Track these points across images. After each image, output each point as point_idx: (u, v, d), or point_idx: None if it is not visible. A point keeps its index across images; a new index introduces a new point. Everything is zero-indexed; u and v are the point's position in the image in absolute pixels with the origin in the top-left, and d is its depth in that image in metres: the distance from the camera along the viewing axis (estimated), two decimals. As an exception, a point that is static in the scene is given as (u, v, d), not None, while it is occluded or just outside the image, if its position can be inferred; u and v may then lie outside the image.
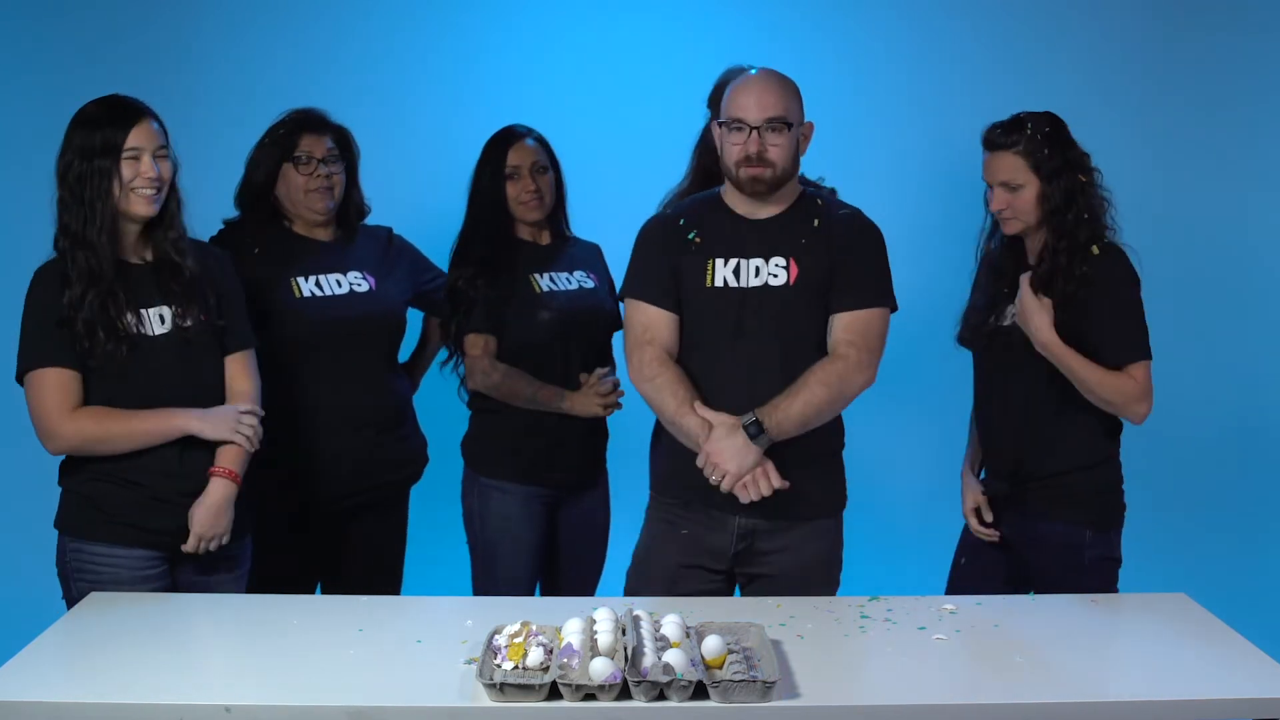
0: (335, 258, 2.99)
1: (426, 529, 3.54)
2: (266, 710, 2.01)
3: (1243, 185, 4.05)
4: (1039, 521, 2.79)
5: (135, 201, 2.52)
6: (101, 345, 2.48)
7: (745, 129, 2.56)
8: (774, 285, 2.61)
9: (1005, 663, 2.24)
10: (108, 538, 2.53)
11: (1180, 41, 3.99)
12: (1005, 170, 2.72)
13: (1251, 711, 2.10)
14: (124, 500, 2.54)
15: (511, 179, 3.09)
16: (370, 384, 3.00)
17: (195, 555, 2.58)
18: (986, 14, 4.02)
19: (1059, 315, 2.68)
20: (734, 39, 3.90)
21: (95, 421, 2.51)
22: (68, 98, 2.60)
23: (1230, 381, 4.11)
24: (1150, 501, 4.10)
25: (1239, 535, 4.08)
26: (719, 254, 2.63)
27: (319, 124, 2.97)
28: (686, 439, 2.59)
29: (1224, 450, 4.11)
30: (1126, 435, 2.84)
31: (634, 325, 2.67)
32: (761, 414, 2.54)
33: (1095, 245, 2.71)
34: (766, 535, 2.65)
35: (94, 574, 2.53)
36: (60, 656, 2.20)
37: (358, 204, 3.07)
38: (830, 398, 2.58)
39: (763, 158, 2.57)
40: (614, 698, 2.01)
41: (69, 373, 2.50)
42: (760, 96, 2.57)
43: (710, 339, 2.63)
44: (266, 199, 2.96)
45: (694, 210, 2.71)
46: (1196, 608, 2.50)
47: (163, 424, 2.53)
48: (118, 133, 2.50)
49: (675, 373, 2.61)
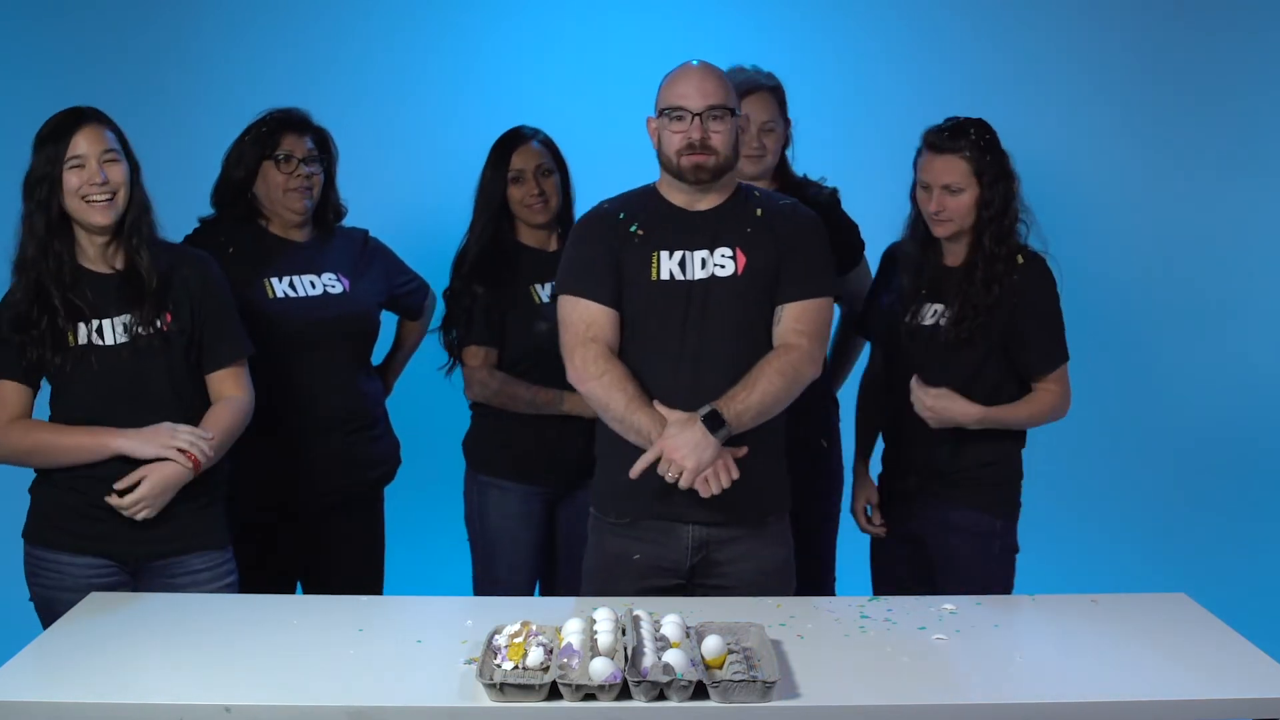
0: (310, 259, 2.98)
1: (424, 529, 3.55)
2: (266, 710, 2.01)
3: (1243, 184, 4.05)
4: (951, 511, 2.83)
5: (89, 210, 2.50)
6: (48, 359, 2.49)
7: (687, 116, 2.54)
8: (721, 276, 2.58)
9: (1005, 663, 2.24)
10: (54, 544, 2.54)
11: (1181, 40, 3.99)
12: (949, 173, 2.75)
13: (1251, 711, 2.10)
14: (68, 507, 2.54)
15: (516, 182, 3.09)
16: (342, 385, 2.99)
17: (153, 567, 2.57)
18: (987, 14, 4.02)
19: (991, 319, 2.74)
20: (734, 39, 3.90)
21: (24, 433, 2.52)
22: (64, 100, 2.59)
23: (1230, 381, 4.11)
24: (1150, 501, 4.13)
25: (1239, 535, 4.08)
26: (663, 246, 2.59)
27: (300, 124, 2.96)
28: (637, 437, 2.53)
29: (1224, 451, 4.12)
30: (1127, 435, 2.85)
31: (574, 323, 2.60)
32: (720, 406, 2.50)
33: (1020, 254, 2.79)
34: (720, 545, 2.61)
35: (45, 579, 2.54)
36: (60, 656, 2.20)
37: (334, 205, 3.06)
38: (786, 388, 2.56)
39: (706, 144, 2.55)
40: (614, 698, 2.01)
41: (10, 384, 2.51)
42: (701, 84, 2.56)
43: (656, 333, 2.59)
44: (244, 197, 2.95)
45: (633, 203, 2.65)
46: (1196, 608, 2.49)
47: (93, 442, 2.51)
48: (60, 142, 2.49)
49: (621, 369, 2.56)
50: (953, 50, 3.99)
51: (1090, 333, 4.09)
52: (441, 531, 3.53)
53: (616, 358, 2.59)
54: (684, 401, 2.54)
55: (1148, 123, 4.02)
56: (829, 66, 3.76)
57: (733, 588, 2.61)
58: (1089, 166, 4.05)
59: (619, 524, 2.64)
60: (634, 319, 2.60)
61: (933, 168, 2.77)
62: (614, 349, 2.60)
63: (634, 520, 2.62)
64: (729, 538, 2.61)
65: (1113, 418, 4.12)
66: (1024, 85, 4.02)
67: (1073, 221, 4.08)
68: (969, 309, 2.75)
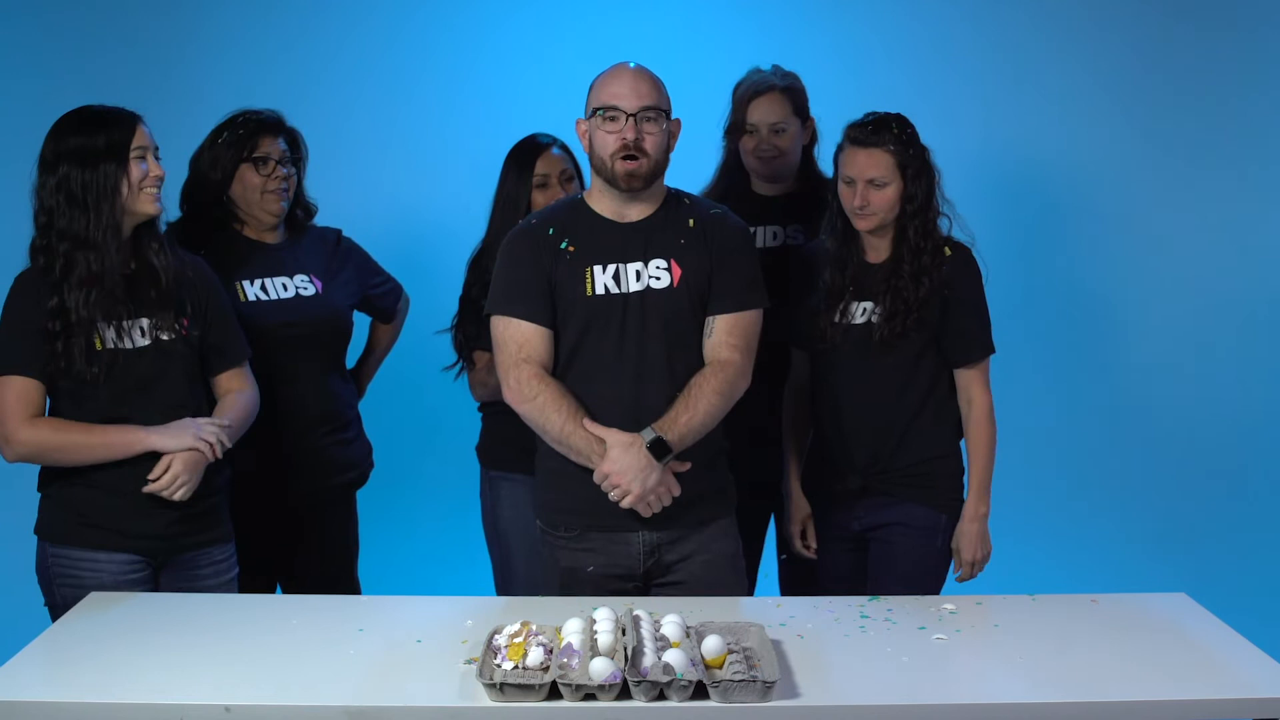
0: (282, 260, 2.98)
1: (434, 531, 3.56)
2: (266, 710, 2.01)
3: (1246, 183, 4.05)
4: (896, 507, 2.85)
5: (144, 201, 2.53)
6: (76, 363, 2.48)
7: (621, 116, 2.53)
8: (657, 288, 2.57)
9: (1005, 663, 2.24)
10: (89, 543, 2.54)
11: (1182, 38, 3.99)
12: (874, 167, 2.75)
13: (1251, 711, 2.10)
14: (106, 506, 2.54)
15: (540, 187, 3.09)
16: (316, 387, 2.98)
17: (179, 562, 2.60)
18: (988, 13, 4.02)
19: (925, 314, 2.76)
20: (733, 39, 3.90)
21: (53, 431, 2.51)
22: (62, 99, 2.59)
23: (1231, 381, 4.11)
24: (1150, 502, 4.13)
25: (1239, 535, 4.08)
26: (596, 261, 2.57)
27: (275, 126, 2.95)
28: (577, 456, 2.53)
29: (1224, 451, 4.12)
30: (1129, 436, 2.84)
31: (507, 344, 2.58)
32: (663, 430, 2.51)
33: (946, 246, 2.80)
34: (670, 546, 2.61)
35: (76, 579, 2.53)
36: (60, 656, 2.20)
37: (305, 205, 3.05)
38: (724, 406, 2.57)
39: (639, 146, 2.53)
40: (614, 698, 2.01)
41: (33, 383, 2.50)
42: (635, 84, 2.54)
43: (592, 348, 2.58)
44: (218, 200, 2.93)
45: (561, 218, 2.63)
46: (1196, 608, 2.49)
47: (121, 440, 2.52)
48: (125, 133, 2.51)
49: (556, 388, 2.55)
50: (954, 50, 3.99)
51: (1090, 332, 4.12)
52: (442, 531, 3.54)
53: (551, 377, 2.58)
54: (625, 414, 2.54)
55: (1149, 121, 4.02)
56: (829, 66, 3.75)
57: (686, 583, 2.61)
58: (1090, 165, 4.05)
59: (568, 537, 2.64)
60: (571, 335, 2.59)
61: (856, 162, 2.76)
62: (548, 368, 2.59)
63: (582, 532, 2.62)
64: (678, 538, 2.61)
65: (1113, 418, 4.12)
66: (1025, 86, 4.03)
67: (1072, 221, 4.09)
68: (900, 305, 2.77)
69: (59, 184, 2.49)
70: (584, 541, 2.62)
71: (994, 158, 3.96)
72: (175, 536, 2.59)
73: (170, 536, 2.59)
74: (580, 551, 2.62)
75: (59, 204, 2.49)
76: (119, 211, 2.51)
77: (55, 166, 2.50)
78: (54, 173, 2.50)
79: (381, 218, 3.26)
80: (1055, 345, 4.06)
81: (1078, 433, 4.13)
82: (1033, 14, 4.01)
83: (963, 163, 3.04)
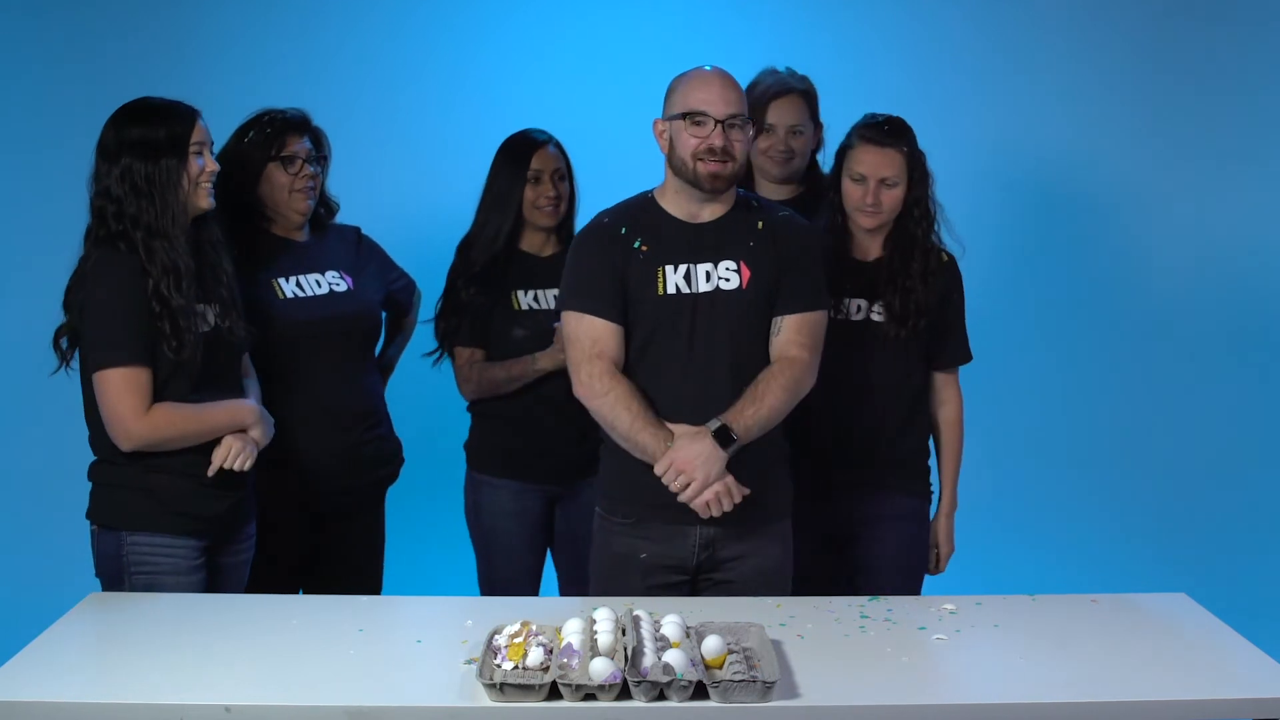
0: (312, 258, 2.99)
1: (426, 529, 3.55)
2: (266, 710, 2.01)
3: (1248, 182, 4.06)
4: (887, 499, 2.88)
5: (200, 195, 2.56)
6: (188, 339, 2.50)
7: (709, 122, 2.54)
8: (726, 289, 2.60)
9: (1005, 663, 2.24)
10: (170, 529, 2.56)
11: (1184, 36, 4.00)
12: (888, 166, 2.79)
13: (1251, 711, 2.10)
14: (181, 491, 2.56)
15: (533, 183, 3.09)
16: (352, 383, 3.00)
17: (229, 541, 2.66)
18: (989, 13, 4.02)
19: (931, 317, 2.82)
20: (733, 40, 3.91)
21: (169, 422, 2.52)
22: (60, 100, 2.59)
23: (1231, 381, 4.12)
24: (1150, 502, 4.13)
25: (1239, 535, 4.09)
26: (668, 261, 2.60)
27: (301, 125, 2.95)
28: (642, 454, 2.55)
29: (1224, 451, 4.12)
30: (1127, 435, 2.85)
31: (580, 339, 2.60)
32: (729, 420, 2.52)
33: (944, 253, 2.87)
34: (725, 543, 2.62)
35: (153, 565, 2.55)
36: (60, 656, 2.20)
37: (327, 202, 3.07)
38: (790, 401, 2.59)
39: (727, 152, 2.55)
40: (614, 698, 2.01)
41: (143, 371, 2.50)
42: (724, 91, 2.57)
43: (662, 347, 2.60)
44: (248, 199, 2.94)
45: (633, 216, 2.65)
46: (1196, 608, 2.50)
47: (227, 417, 2.59)
48: (185, 127, 2.54)
49: (627, 386, 2.57)
50: (955, 50, 3.99)
51: (1090, 333, 4.12)
52: (441, 531, 3.54)
53: (621, 374, 2.60)
54: (692, 412, 2.56)
55: (1151, 119, 4.02)
56: (830, 66, 3.75)
57: (733, 583, 2.63)
58: (1091, 164, 4.05)
59: (625, 523, 2.65)
60: (641, 333, 2.61)
61: (869, 160, 2.80)
62: (619, 364, 2.61)
63: (639, 520, 2.63)
64: (735, 535, 2.62)
65: (1113, 418, 4.13)
66: (1026, 85, 4.03)
67: (1073, 221, 4.09)
68: (911, 306, 2.81)
69: (123, 174, 2.51)
70: (641, 529, 2.63)
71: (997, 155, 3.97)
72: (231, 519, 2.65)
73: (228, 519, 2.64)
74: (636, 539, 2.63)
75: (125, 193, 2.51)
76: (181, 205, 2.53)
77: (118, 156, 2.52)
78: (116, 162, 2.52)
79: (381, 214, 3.25)
80: (1055, 346, 4.06)
81: (1078, 433, 4.13)
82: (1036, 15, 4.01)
83: (965, 161, 3.05)
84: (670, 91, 2.63)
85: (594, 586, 2.73)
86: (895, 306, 2.82)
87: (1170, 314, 4.10)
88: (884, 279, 2.84)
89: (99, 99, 2.62)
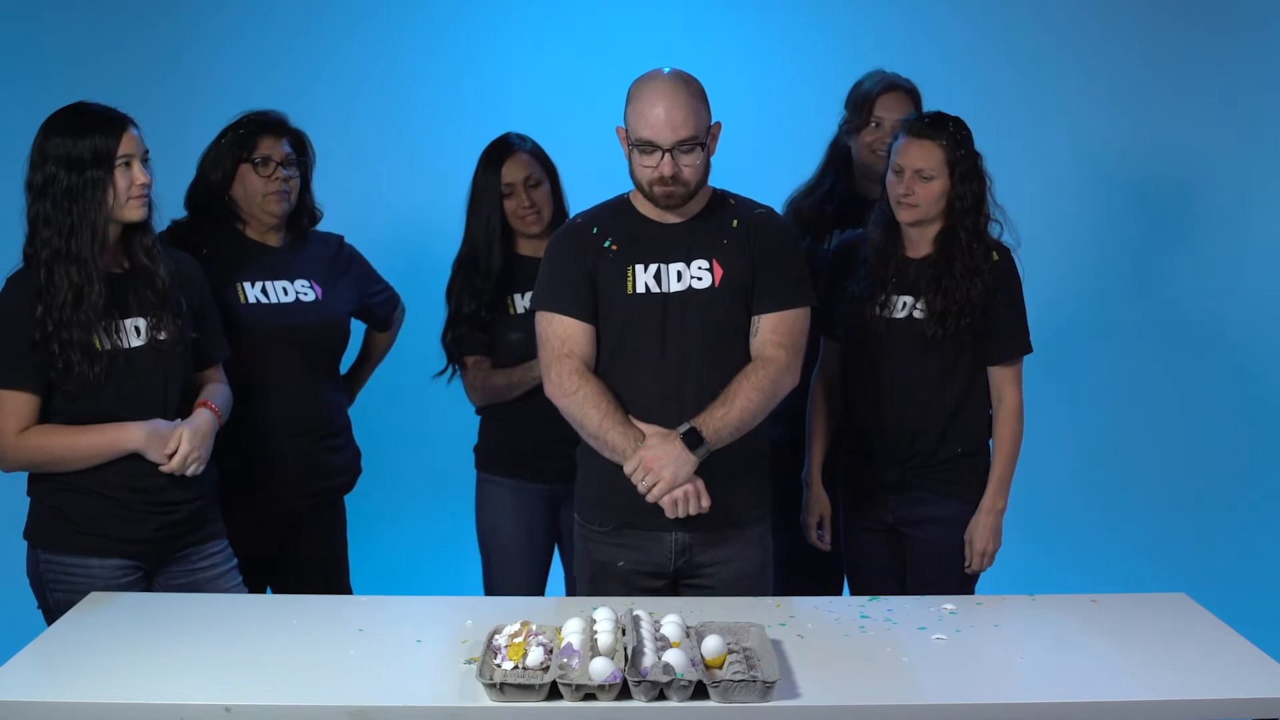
0: (283, 264, 2.97)
1: (424, 535, 3.55)
2: (266, 710, 2.01)
3: (1250, 181, 4.06)
4: (934, 504, 2.87)
5: (130, 209, 2.50)
6: (76, 367, 2.45)
7: (657, 151, 2.50)
8: (698, 288, 2.58)
9: (1005, 663, 2.24)
10: (80, 549, 2.52)
11: (1185, 36, 4.00)
12: (924, 158, 2.78)
13: (1251, 711, 2.10)
14: (94, 512, 2.52)
15: (507, 196, 3.09)
16: (310, 394, 2.98)
17: (174, 561, 2.60)
18: (990, 12, 4.02)
19: (975, 316, 2.78)
20: (731, 40, 3.91)
21: (41, 442, 2.48)
22: (59, 99, 2.58)
23: (1231, 381, 4.12)
24: (1150, 501, 4.13)
25: (1239, 535, 4.09)
26: (638, 260, 2.58)
27: (278, 127, 2.94)
28: (611, 453, 2.53)
29: (1224, 451, 4.12)
30: (1128, 435, 2.85)
31: (550, 338, 2.60)
32: (699, 423, 2.51)
33: (995, 252, 2.83)
34: (703, 548, 2.62)
35: (68, 584, 2.52)
36: (60, 656, 2.20)
37: (310, 209, 3.04)
38: (764, 402, 2.56)
39: (677, 179, 2.52)
40: (614, 698, 2.01)
41: (24, 395, 2.47)
42: (670, 115, 2.48)
43: (633, 347, 2.59)
44: (221, 200, 2.93)
45: (606, 217, 2.64)
46: (1196, 608, 2.49)
47: (103, 440, 2.50)
48: (109, 140, 2.47)
49: (596, 385, 2.56)
50: (955, 49, 3.99)
51: (1090, 333, 4.12)
52: (448, 533, 3.54)
53: (592, 373, 2.59)
54: (665, 413, 2.54)
55: (1152, 117, 4.02)
56: (830, 66, 3.75)
57: (714, 588, 2.62)
58: (1093, 164, 4.06)
59: (602, 531, 2.65)
60: (612, 333, 2.60)
61: (908, 152, 2.80)
62: (590, 364, 2.60)
63: (616, 528, 2.63)
64: (712, 540, 2.62)
65: (1114, 418, 4.13)
66: (1026, 86, 4.03)
67: (1073, 221, 4.09)
68: (951, 305, 2.79)
69: (45, 184, 2.46)
70: (618, 537, 2.63)
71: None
72: (163, 541, 2.58)
73: (159, 541, 2.57)
74: (614, 546, 2.63)
75: (44, 210, 2.46)
76: (105, 219, 2.48)
77: (43, 165, 2.47)
78: (41, 170, 2.47)
79: (377, 221, 3.25)
80: (1055, 346, 4.06)
81: (1078, 433, 4.13)
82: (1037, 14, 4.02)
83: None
84: (627, 100, 2.56)
85: (578, 591, 2.73)
86: (936, 304, 2.80)
87: (1169, 314, 4.10)
88: (928, 277, 2.82)
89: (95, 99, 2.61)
